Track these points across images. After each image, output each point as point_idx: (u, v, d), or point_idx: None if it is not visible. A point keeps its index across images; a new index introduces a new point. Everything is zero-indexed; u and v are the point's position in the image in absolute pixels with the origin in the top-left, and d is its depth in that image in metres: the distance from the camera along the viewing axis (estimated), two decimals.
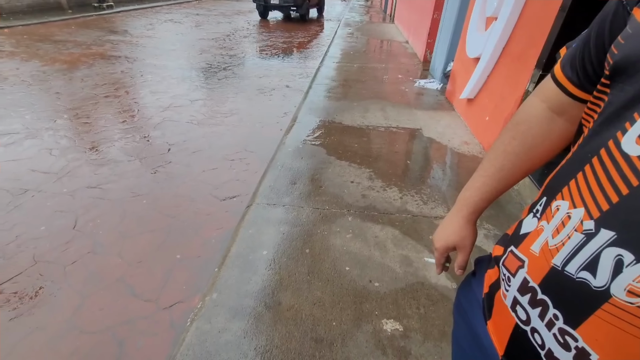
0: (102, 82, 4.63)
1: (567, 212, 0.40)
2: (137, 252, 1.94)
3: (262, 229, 1.96)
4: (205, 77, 5.07)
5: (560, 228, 0.40)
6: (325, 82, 4.58)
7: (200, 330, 1.40)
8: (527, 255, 0.45)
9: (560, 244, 0.40)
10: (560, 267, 0.39)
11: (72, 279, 1.76)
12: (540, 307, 0.42)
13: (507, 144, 0.58)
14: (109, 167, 2.73)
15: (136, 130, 3.35)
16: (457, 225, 0.65)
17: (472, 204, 0.63)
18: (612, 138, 0.37)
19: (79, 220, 2.17)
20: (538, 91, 0.56)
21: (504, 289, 0.49)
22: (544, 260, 0.42)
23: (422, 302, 1.55)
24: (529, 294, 0.44)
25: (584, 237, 0.37)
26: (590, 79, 0.47)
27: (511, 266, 0.48)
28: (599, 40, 0.44)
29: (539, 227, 0.44)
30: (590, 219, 0.37)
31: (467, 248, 0.66)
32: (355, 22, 10.65)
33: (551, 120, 0.54)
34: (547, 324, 0.41)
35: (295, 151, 2.81)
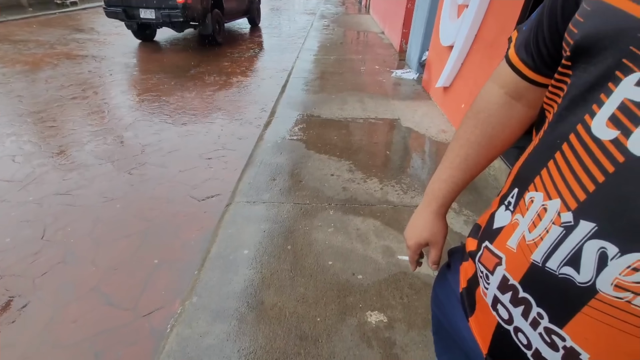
0: (68, 83, 4.41)
1: (543, 204, 0.38)
2: (112, 259, 1.86)
3: (242, 227, 1.92)
4: (178, 74, 4.90)
5: (536, 221, 0.38)
6: (303, 76, 4.52)
7: (181, 336, 1.36)
8: (504, 252, 0.43)
9: (538, 239, 0.37)
10: (541, 263, 0.37)
11: (43, 292, 1.68)
12: (522, 305, 0.40)
13: (470, 133, 0.57)
14: (78, 172, 2.60)
15: (107, 132, 3.21)
16: (428, 220, 0.64)
17: (440, 197, 0.62)
18: (581, 122, 0.35)
19: (48, 229, 2.06)
20: (495, 77, 0.55)
21: (483, 286, 0.47)
22: (523, 256, 0.39)
23: (405, 291, 1.55)
24: (510, 292, 0.42)
25: (563, 230, 0.35)
26: (546, 61, 0.46)
27: (488, 263, 0.46)
28: (551, 21, 0.43)
29: (514, 221, 0.42)
30: (567, 211, 0.35)
31: (440, 243, 0.65)
32: (331, 14, 10.57)
33: (510, 106, 0.53)
34: (531, 323, 0.39)
35: (274, 147, 2.76)
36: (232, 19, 7.58)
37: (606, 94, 0.32)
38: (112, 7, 5.84)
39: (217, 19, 6.36)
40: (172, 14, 5.60)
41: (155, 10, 5.65)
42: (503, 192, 0.48)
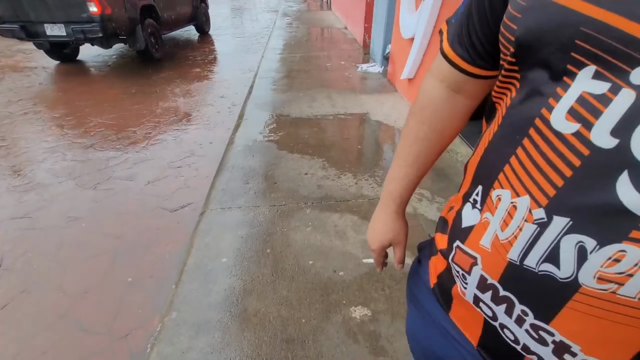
0: (17, 98, 4.11)
1: (512, 202, 0.37)
2: (81, 282, 1.76)
3: (218, 235, 1.87)
4: (136, 78, 4.69)
5: (507, 220, 0.38)
6: (270, 75, 4.47)
7: (162, 355, 1.31)
8: (478, 252, 0.42)
9: (512, 237, 0.37)
10: (518, 261, 0.37)
11: (5, 325, 1.56)
12: (504, 304, 0.40)
13: (418, 130, 0.57)
14: (36, 192, 2.43)
15: (65, 148, 3.02)
16: (389, 221, 0.64)
17: (398, 196, 0.62)
18: (539, 116, 0.34)
19: (6, 257, 1.91)
20: (434, 71, 0.54)
21: (461, 285, 0.47)
22: (498, 255, 0.39)
23: (386, 282, 1.58)
24: (490, 291, 0.41)
25: (537, 227, 0.35)
26: (480, 53, 0.46)
27: (463, 263, 0.45)
28: (480, 15, 0.43)
29: (484, 220, 0.42)
30: (538, 207, 0.34)
31: (403, 242, 0.66)
32: (293, 12, 10.50)
33: (453, 99, 0.53)
34: (516, 320, 0.39)
35: (245, 150, 2.71)
36: (173, 29, 6.42)
37: (563, 88, 0.32)
38: (5, 24, 4.48)
39: (151, 31, 5.30)
40: (87, 30, 4.36)
41: (65, 26, 4.38)
42: (465, 190, 0.47)
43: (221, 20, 9.78)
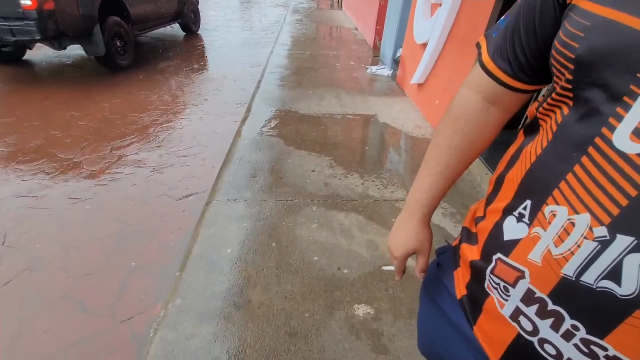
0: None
1: (569, 219, 0.37)
2: (85, 264, 1.76)
3: (224, 226, 1.88)
4: (146, 69, 4.68)
5: (563, 236, 0.38)
6: (278, 71, 4.47)
7: (166, 340, 1.32)
8: (526, 265, 0.42)
9: (568, 253, 0.37)
10: (574, 277, 0.37)
11: (7, 303, 1.56)
12: (552, 318, 0.40)
13: (450, 139, 0.57)
14: (40, 172, 2.42)
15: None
16: (414, 230, 0.63)
17: (425, 205, 0.62)
18: (599, 135, 0.35)
19: (9, 234, 1.91)
20: (470, 82, 0.55)
21: (500, 298, 0.47)
22: (551, 270, 0.39)
23: (389, 283, 1.59)
24: (537, 305, 0.42)
25: (598, 244, 0.35)
26: (523, 68, 0.47)
27: (506, 276, 0.45)
28: (528, 29, 0.44)
29: (533, 235, 0.42)
30: (600, 225, 0.35)
31: (427, 250, 0.65)
32: (304, 9, 10.49)
33: (488, 111, 0.54)
34: (563, 335, 0.40)
35: (252, 143, 2.71)
36: (149, 28, 5.28)
37: (624, 108, 0.33)
38: None
39: (117, 32, 4.22)
40: (17, 29, 3.33)
41: None
42: (506, 202, 0.47)
43: (231, 12, 9.75)
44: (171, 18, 5.92)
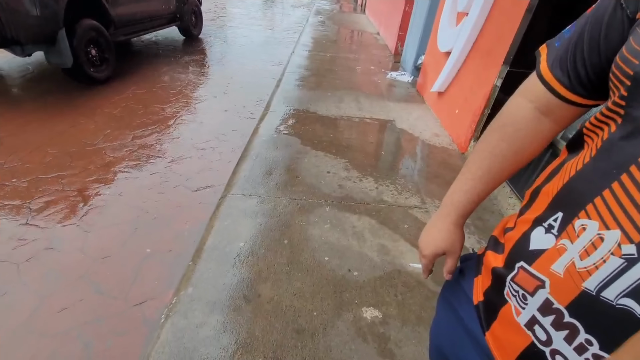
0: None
1: (599, 234, 0.38)
2: (102, 247, 1.81)
3: (238, 220, 1.91)
4: (170, 62, 4.78)
5: (590, 250, 0.38)
6: (299, 71, 4.51)
7: (176, 326, 1.35)
8: (547, 276, 0.43)
9: (592, 267, 0.38)
10: (595, 292, 0.37)
11: (28, 277, 1.62)
12: (566, 330, 0.40)
13: (495, 146, 0.57)
14: (65, 156, 2.51)
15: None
16: (446, 230, 0.63)
17: (460, 208, 0.62)
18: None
19: (32, 213, 1.98)
20: (524, 91, 0.55)
21: (518, 305, 0.47)
22: (572, 282, 0.39)
23: (399, 289, 1.59)
24: (553, 316, 0.42)
25: (624, 262, 0.35)
26: (582, 82, 0.46)
27: (527, 285, 0.45)
28: (592, 43, 0.43)
29: (559, 246, 0.42)
30: (630, 243, 0.35)
31: (457, 252, 0.65)
32: (326, 11, 10.54)
33: (539, 122, 0.53)
34: (576, 348, 0.40)
35: (269, 140, 2.75)
36: (137, 32, 4.41)
37: None
38: None
39: (91, 38, 3.44)
40: None
41: None
42: (538, 213, 0.47)
43: (255, 10, 9.87)
44: (168, 20, 5.06)
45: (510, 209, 2.13)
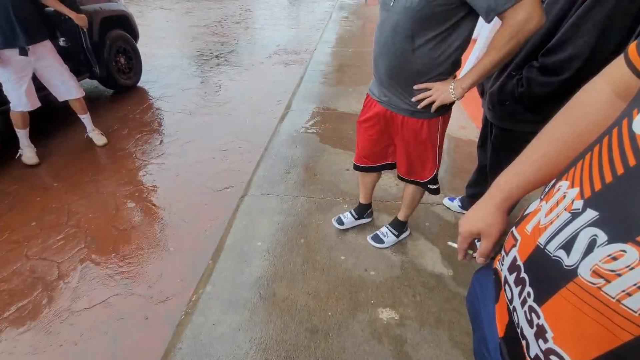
0: None
1: (564, 192, 0.40)
2: (131, 246, 1.91)
3: (256, 219, 1.93)
4: (196, 66, 4.95)
5: (553, 207, 0.41)
6: (320, 68, 4.49)
7: (195, 324, 1.39)
8: (521, 234, 0.46)
9: (548, 223, 0.40)
10: (543, 245, 0.40)
11: (68, 276, 1.74)
12: (520, 285, 0.43)
13: (556, 129, 0.54)
14: (102, 157, 2.68)
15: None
16: (486, 211, 0.61)
17: (506, 190, 0.59)
18: (628, 116, 0.36)
19: (72, 215, 2.13)
20: (604, 73, 0.52)
21: (499, 268, 0.51)
22: (532, 239, 0.42)
23: (418, 290, 1.54)
24: (515, 273, 0.45)
25: (570, 216, 0.38)
26: None
27: (507, 246, 0.49)
28: None
29: (538, 207, 0.45)
30: (581, 199, 0.37)
31: (493, 236, 0.61)
32: (350, 5, 10.40)
33: (612, 105, 0.49)
34: (522, 301, 0.43)
35: (289, 139, 2.76)
36: None
37: None
38: None
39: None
40: None
41: None
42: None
43: (279, 10, 9.96)
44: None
45: None
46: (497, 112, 1.38)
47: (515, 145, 1.36)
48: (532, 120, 1.29)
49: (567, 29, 1.07)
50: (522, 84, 1.22)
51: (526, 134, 1.32)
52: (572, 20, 1.06)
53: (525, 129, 1.32)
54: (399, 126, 1.34)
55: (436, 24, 1.06)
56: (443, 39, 1.09)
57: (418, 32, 1.09)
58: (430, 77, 1.18)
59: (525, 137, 1.33)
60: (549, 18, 1.13)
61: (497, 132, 1.43)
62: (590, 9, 1.02)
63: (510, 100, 1.29)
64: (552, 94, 1.17)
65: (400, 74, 1.21)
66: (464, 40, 1.12)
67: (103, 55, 3.41)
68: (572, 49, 1.07)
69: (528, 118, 1.29)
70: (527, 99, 1.23)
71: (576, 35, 1.06)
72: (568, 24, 1.07)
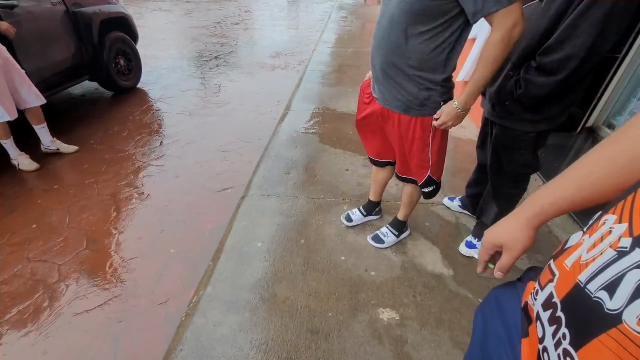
0: None
1: (610, 227, 0.37)
2: (131, 248, 1.91)
3: (256, 220, 1.94)
4: (196, 67, 4.96)
5: (597, 242, 0.37)
6: (320, 68, 4.49)
7: (195, 325, 1.39)
8: (559, 269, 0.42)
9: (590, 259, 0.37)
10: (584, 284, 0.37)
11: (68, 276, 1.75)
12: (555, 325, 0.40)
13: (606, 148, 0.48)
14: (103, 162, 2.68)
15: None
16: (514, 224, 0.57)
17: (538, 205, 0.54)
18: None
19: (72, 215, 2.14)
20: None
21: (531, 302, 0.47)
22: (572, 275, 0.39)
23: (418, 290, 1.54)
24: (550, 310, 0.41)
25: (616, 254, 0.34)
26: None
27: (543, 279, 0.45)
28: None
29: (580, 240, 0.41)
30: (629, 236, 0.34)
31: (515, 251, 0.57)
32: (349, 5, 10.40)
33: None
34: (555, 343, 0.39)
35: (289, 140, 2.76)
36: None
37: None
38: None
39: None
40: None
41: None
42: None
43: (278, 10, 9.96)
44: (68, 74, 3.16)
45: None
46: (497, 111, 1.38)
47: (515, 144, 1.38)
48: (531, 120, 1.29)
49: (565, 27, 1.07)
50: (520, 86, 1.22)
51: (526, 132, 1.33)
52: (570, 19, 1.06)
53: (525, 128, 1.32)
54: (395, 125, 1.35)
55: (430, 18, 1.07)
56: (436, 35, 1.10)
57: (411, 25, 1.11)
58: (423, 73, 1.19)
59: (525, 136, 1.34)
60: (547, 16, 1.13)
61: (497, 132, 1.43)
62: (589, 7, 1.01)
63: (510, 100, 1.29)
64: (550, 94, 1.17)
65: (394, 68, 1.22)
66: (458, 39, 1.12)
67: (102, 57, 3.42)
68: (569, 48, 1.07)
69: (527, 117, 1.29)
70: (526, 100, 1.23)
71: (574, 34, 1.05)
72: (566, 23, 1.07)
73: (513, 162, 1.43)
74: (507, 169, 1.46)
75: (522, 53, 1.22)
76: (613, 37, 1.03)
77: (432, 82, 1.20)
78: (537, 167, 1.44)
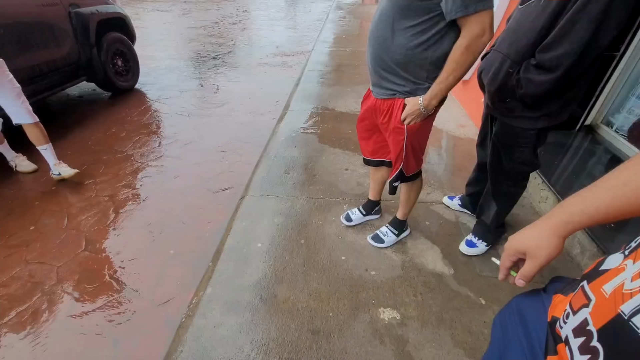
0: None
1: None
2: (130, 249, 1.90)
3: (256, 220, 1.93)
4: (194, 67, 4.94)
5: None
6: (318, 68, 4.48)
7: (195, 326, 1.39)
8: (595, 294, 0.39)
9: (636, 290, 0.34)
10: (627, 316, 0.34)
11: (68, 278, 1.73)
12: (589, 354, 0.37)
13: (638, 162, 0.45)
14: (101, 162, 2.67)
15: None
16: (539, 231, 0.54)
17: (567, 213, 0.51)
18: None
19: (71, 218, 2.12)
20: None
21: (559, 325, 0.44)
22: (612, 304, 0.36)
23: (419, 289, 1.53)
24: (583, 338, 0.38)
25: None
26: None
27: (576, 303, 0.42)
28: None
29: (621, 266, 0.38)
30: None
31: (539, 259, 0.54)
32: (347, 5, 10.41)
33: None
34: None
35: (288, 140, 2.75)
36: None
37: None
38: None
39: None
40: None
41: None
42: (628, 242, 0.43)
43: (275, 11, 9.96)
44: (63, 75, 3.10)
45: (543, 202, 1.98)
46: (497, 108, 1.38)
47: (515, 142, 1.38)
48: (530, 117, 1.29)
49: (563, 24, 1.07)
50: (521, 86, 1.22)
51: (526, 130, 1.33)
52: (569, 15, 1.06)
53: (526, 125, 1.32)
54: (383, 113, 1.37)
55: (415, 14, 1.09)
56: (421, 31, 1.11)
57: (397, 20, 1.13)
58: (408, 68, 1.20)
59: (525, 133, 1.34)
60: (546, 13, 1.13)
61: (498, 128, 1.43)
62: (586, 3, 1.01)
63: (510, 98, 1.29)
64: (550, 91, 1.17)
65: (382, 62, 1.25)
66: (444, 37, 1.11)
67: (100, 58, 3.40)
68: (568, 45, 1.07)
69: (527, 115, 1.29)
70: (527, 99, 1.23)
71: (572, 30, 1.05)
72: (564, 20, 1.07)
73: (513, 159, 1.43)
74: (506, 166, 1.46)
75: (521, 50, 1.22)
76: (611, 32, 1.03)
77: (418, 77, 1.21)
78: (536, 166, 1.44)
